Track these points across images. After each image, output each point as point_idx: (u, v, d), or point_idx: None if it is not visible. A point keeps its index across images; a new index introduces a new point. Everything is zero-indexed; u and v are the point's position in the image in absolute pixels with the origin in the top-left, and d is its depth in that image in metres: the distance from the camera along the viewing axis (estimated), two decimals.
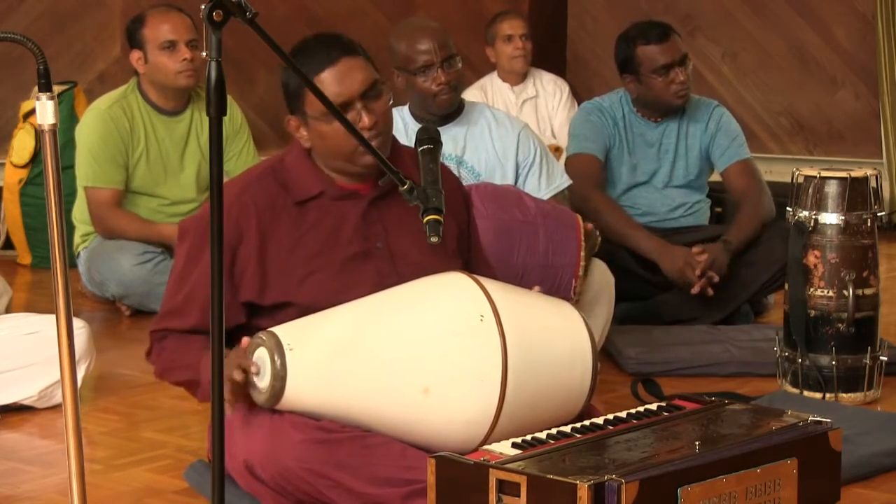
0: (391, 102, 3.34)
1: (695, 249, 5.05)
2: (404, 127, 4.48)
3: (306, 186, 3.30)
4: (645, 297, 5.19)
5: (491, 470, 2.77)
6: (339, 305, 3.15)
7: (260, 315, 3.26)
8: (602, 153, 5.33)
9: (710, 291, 5.03)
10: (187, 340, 3.27)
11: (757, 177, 5.37)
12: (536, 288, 3.41)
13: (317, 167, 3.33)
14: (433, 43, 4.42)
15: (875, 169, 4.36)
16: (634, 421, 3.08)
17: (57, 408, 4.04)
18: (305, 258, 3.24)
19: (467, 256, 3.48)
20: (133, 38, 5.59)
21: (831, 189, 4.23)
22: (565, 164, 5.30)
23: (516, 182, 4.56)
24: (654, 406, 3.19)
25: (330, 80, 3.24)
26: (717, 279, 5.02)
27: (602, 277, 4.43)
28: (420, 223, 3.13)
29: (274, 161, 3.37)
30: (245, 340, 3.10)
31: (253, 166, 3.46)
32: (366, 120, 3.24)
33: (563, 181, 4.66)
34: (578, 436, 2.98)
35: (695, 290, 5.02)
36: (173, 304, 3.30)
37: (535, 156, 4.59)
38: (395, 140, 3.40)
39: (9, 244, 6.49)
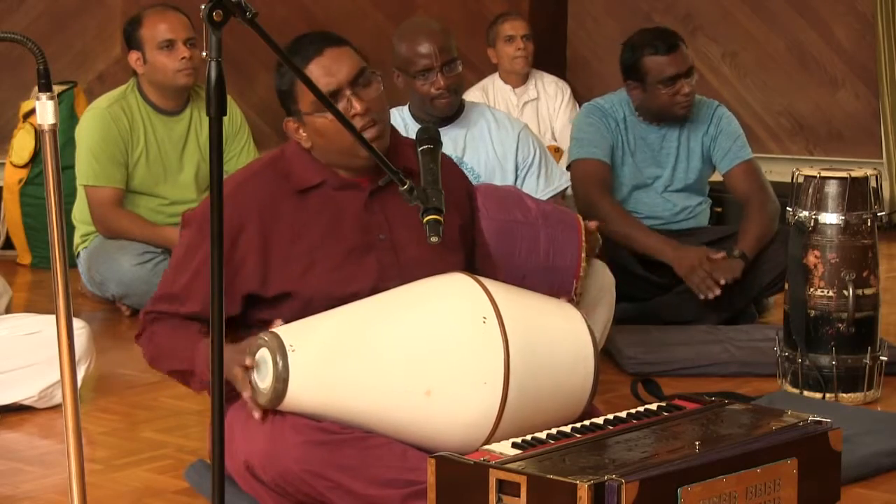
0: (382, 89, 3.30)
1: (719, 255, 5.04)
2: (404, 127, 4.47)
3: (307, 176, 3.29)
4: (645, 298, 5.18)
5: (491, 470, 2.77)
6: (342, 306, 3.14)
7: (262, 307, 3.25)
8: (607, 157, 5.28)
9: (717, 292, 5.02)
10: (180, 328, 3.25)
11: (760, 177, 5.34)
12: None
13: (317, 160, 3.32)
14: (434, 47, 4.39)
15: (875, 169, 4.36)
16: (634, 421, 3.07)
17: (57, 408, 4.04)
18: (307, 249, 3.24)
19: (471, 248, 3.46)
20: (131, 39, 5.58)
21: (831, 189, 4.23)
22: (570, 169, 5.27)
23: (515, 183, 4.55)
24: (654, 406, 3.19)
25: (317, 71, 3.21)
26: (723, 283, 5.02)
27: (603, 278, 4.43)
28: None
29: (274, 153, 3.37)
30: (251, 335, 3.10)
31: (254, 160, 3.46)
32: (357, 106, 3.21)
33: (561, 182, 4.65)
34: (578, 436, 2.98)
35: (706, 295, 5.01)
36: (171, 290, 3.28)
37: (534, 157, 4.58)
38: (395, 132, 3.38)
39: (9, 244, 6.48)
